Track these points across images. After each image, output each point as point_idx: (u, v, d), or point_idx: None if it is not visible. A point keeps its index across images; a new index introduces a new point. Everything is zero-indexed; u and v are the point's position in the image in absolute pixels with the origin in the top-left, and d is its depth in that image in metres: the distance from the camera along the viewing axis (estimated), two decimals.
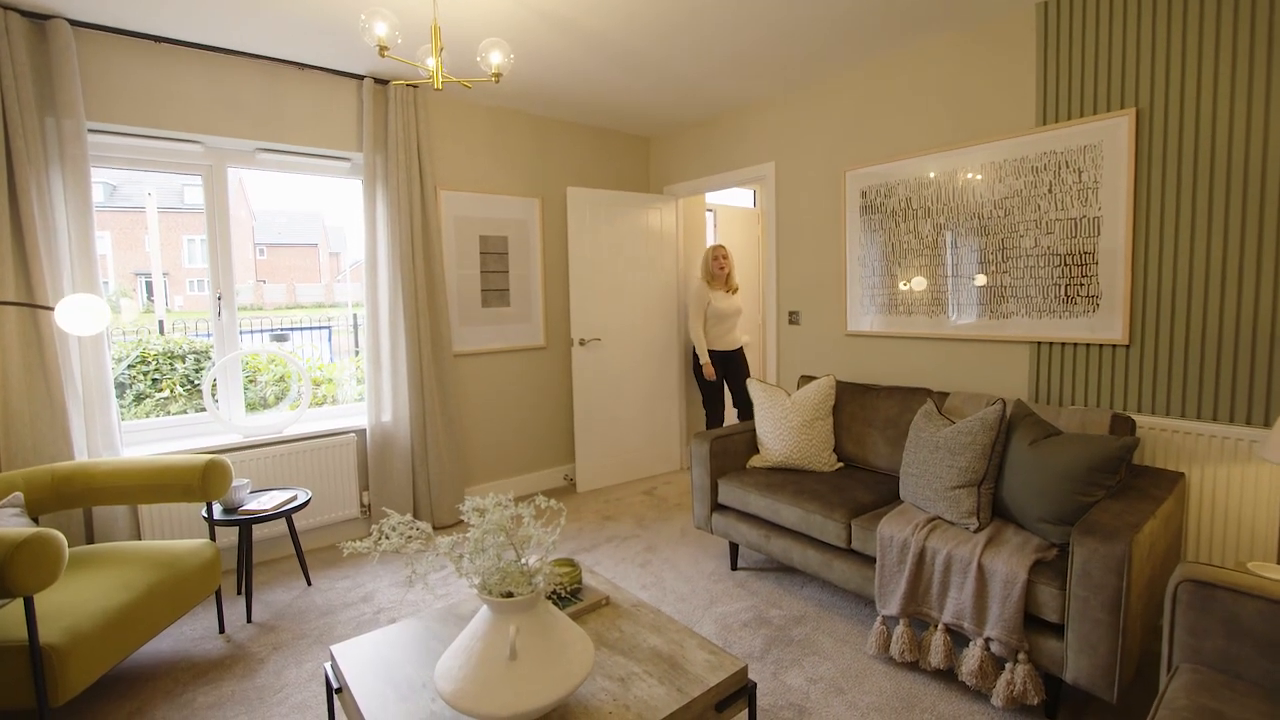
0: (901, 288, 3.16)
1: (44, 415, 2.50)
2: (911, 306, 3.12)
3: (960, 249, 2.91)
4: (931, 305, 3.04)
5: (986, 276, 2.82)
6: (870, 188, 3.25)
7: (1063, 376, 2.63)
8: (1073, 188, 2.53)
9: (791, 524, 2.57)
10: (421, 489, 3.48)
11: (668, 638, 1.75)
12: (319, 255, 22.40)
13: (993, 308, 2.81)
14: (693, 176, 4.32)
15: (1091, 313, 2.52)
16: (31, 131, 2.47)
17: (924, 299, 3.07)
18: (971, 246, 2.86)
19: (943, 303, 2.99)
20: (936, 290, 3.02)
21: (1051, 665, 1.83)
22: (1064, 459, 2.00)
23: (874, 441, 2.87)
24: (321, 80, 3.23)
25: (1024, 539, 2.03)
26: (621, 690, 1.52)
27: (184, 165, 3.03)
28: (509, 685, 1.31)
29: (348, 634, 2.45)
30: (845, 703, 2.00)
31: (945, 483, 2.24)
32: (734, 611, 2.56)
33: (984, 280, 2.83)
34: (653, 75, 3.35)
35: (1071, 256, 2.56)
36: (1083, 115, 2.50)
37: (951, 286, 2.96)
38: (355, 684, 1.58)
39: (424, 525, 1.42)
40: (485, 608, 1.43)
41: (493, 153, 3.86)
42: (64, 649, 1.75)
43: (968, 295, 2.90)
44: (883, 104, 3.18)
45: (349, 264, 20.47)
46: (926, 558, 2.10)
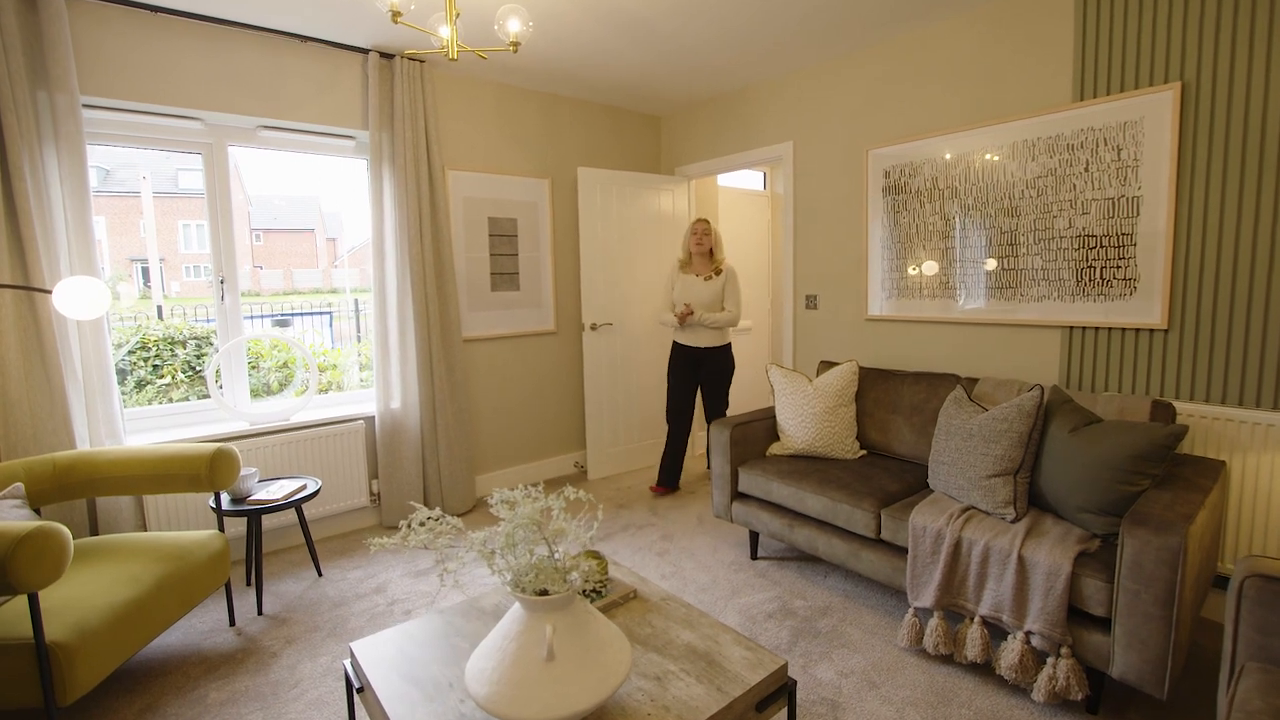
0: (926, 271, 3.07)
1: (43, 403, 2.41)
2: (936, 290, 3.03)
3: (989, 230, 2.82)
4: (957, 289, 2.95)
5: (1016, 259, 2.73)
6: (894, 167, 3.15)
7: (1095, 362, 2.55)
8: (1111, 166, 2.44)
9: (817, 513, 2.50)
10: (432, 477, 3.40)
11: (701, 633, 1.68)
12: (316, 240, 22.16)
13: (1022, 291, 2.73)
14: (706, 157, 4.20)
15: (1128, 296, 2.44)
16: (23, 106, 2.35)
17: (949, 282, 2.98)
18: (1001, 228, 2.77)
19: (969, 286, 2.91)
20: (963, 273, 2.93)
21: (1096, 660, 1.77)
22: (1107, 447, 1.93)
23: (898, 429, 2.79)
24: (324, 54, 3.10)
25: (1065, 530, 1.96)
26: (659, 690, 1.46)
27: (184, 143, 2.92)
28: (546, 688, 1.24)
29: (362, 626, 2.39)
30: (879, 697, 1.94)
31: (980, 471, 2.17)
32: (757, 602, 2.50)
33: (1014, 263, 2.74)
34: (666, 49, 3.22)
35: (1108, 238, 2.47)
36: (1123, 90, 2.40)
37: (979, 269, 2.87)
38: (378, 683, 1.51)
39: (454, 520, 1.34)
40: (516, 606, 1.35)
41: (501, 131, 3.74)
42: (71, 647, 1.67)
43: (996, 278, 2.81)
44: (909, 80, 3.07)
45: (346, 249, 20.27)
46: (962, 549, 2.03)
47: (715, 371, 3.65)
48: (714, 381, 3.66)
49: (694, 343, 3.63)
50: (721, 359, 3.66)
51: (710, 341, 3.63)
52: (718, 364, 3.65)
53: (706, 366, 3.66)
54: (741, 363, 5.62)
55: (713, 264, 3.63)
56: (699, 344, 3.63)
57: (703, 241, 3.59)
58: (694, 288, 3.60)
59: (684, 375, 3.68)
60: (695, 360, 3.66)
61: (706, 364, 3.66)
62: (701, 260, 3.64)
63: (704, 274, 3.61)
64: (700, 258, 3.64)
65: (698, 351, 3.66)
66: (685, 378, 3.68)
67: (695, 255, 3.65)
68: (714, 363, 3.65)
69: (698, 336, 3.61)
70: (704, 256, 3.63)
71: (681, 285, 3.62)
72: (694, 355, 3.66)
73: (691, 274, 3.62)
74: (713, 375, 3.66)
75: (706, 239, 3.60)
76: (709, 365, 3.65)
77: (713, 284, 3.59)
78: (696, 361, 3.66)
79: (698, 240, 3.60)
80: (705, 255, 3.62)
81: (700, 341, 3.63)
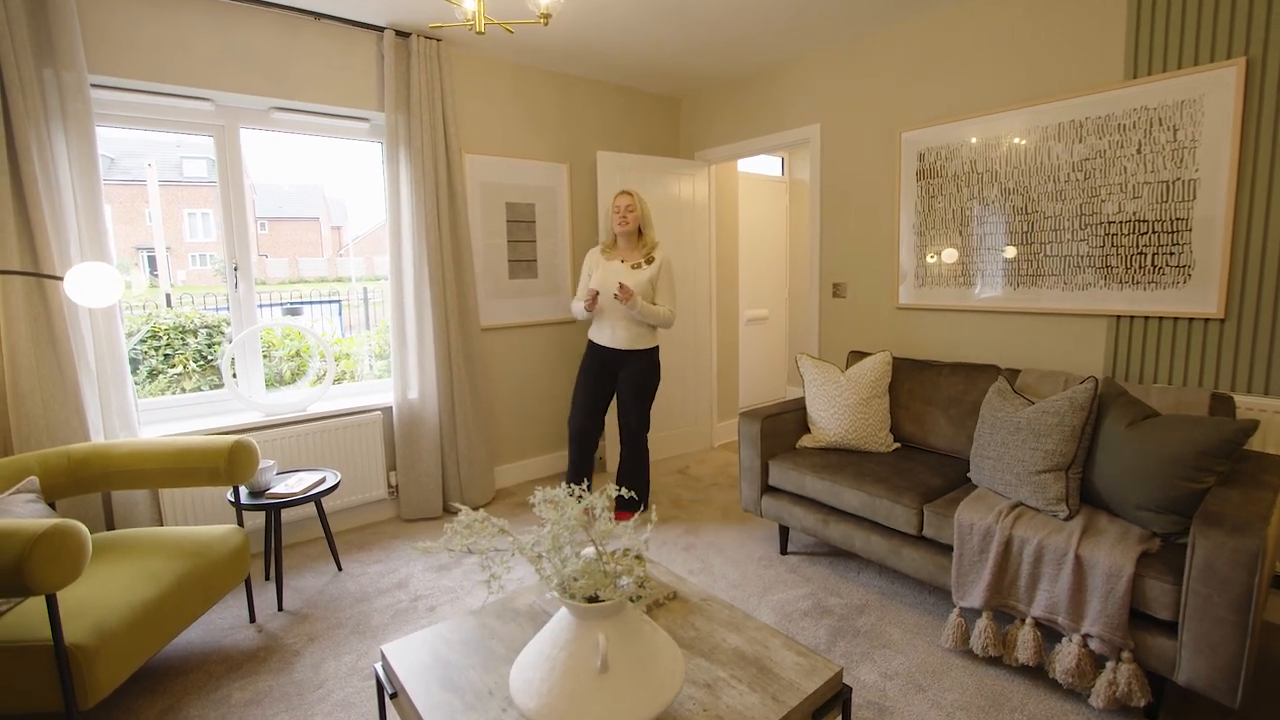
0: (961, 258, 2.96)
1: (56, 394, 2.33)
2: (971, 278, 2.93)
3: (1030, 216, 2.71)
4: (995, 276, 2.85)
5: (1060, 245, 2.63)
6: (929, 150, 3.03)
7: (1144, 353, 2.45)
8: (1166, 147, 2.32)
9: (853, 508, 2.42)
10: (450, 469, 3.33)
11: (748, 636, 1.60)
12: (321, 229, 22.07)
13: (1066, 279, 2.62)
14: (727, 141, 4.08)
15: (1181, 284, 2.33)
16: (30, 84, 2.25)
17: (986, 270, 2.87)
18: (1044, 213, 2.66)
19: (1008, 274, 2.80)
20: (1001, 260, 2.82)
21: (1159, 665, 1.69)
22: (1170, 442, 1.84)
23: (935, 421, 2.70)
24: (339, 32, 2.99)
25: (1123, 528, 1.88)
26: (711, 698, 1.38)
27: (194, 125, 2.82)
28: (600, 701, 1.16)
29: (385, 623, 2.32)
30: (927, 701, 1.87)
31: (1029, 467, 2.08)
32: (791, 600, 2.43)
33: (1057, 249, 2.64)
34: (690, 23, 3.10)
35: (1160, 223, 2.36)
36: (1180, 67, 2.28)
37: (1018, 256, 2.76)
38: (414, 690, 1.44)
39: (499, 521, 1.26)
40: (563, 613, 1.27)
41: (519, 114, 3.62)
42: (91, 648, 1.60)
43: (1037, 265, 2.71)
44: (946, 58, 2.94)
45: (352, 237, 20.16)
46: (1013, 547, 1.95)
47: (637, 378, 2.96)
48: (635, 390, 2.96)
49: (612, 342, 2.94)
50: (646, 363, 2.98)
51: (633, 342, 2.94)
52: (640, 369, 2.97)
53: (628, 371, 2.97)
54: (758, 353, 5.54)
55: (642, 248, 2.97)
56: (618, 344, 2.94)
57: (627, 218, 2.89)
58: (617, 277, 2.90)
59: (597, 381, 3.01)
60: (612, 364, 2.99)
61: (628, 368, 2.97)
62: (627, 243, 2.97)
63: (631, 260, 2.94)
64: (625, 239, 2.95)
65: (615, 354, 2.97)
66: (598, 384, 3.01)
67: (619, 236, 2.96)
68: (638, 367, 2.97)
69: (617, 334, 2.93)
70: (630, 238, 2.95)
71: (602, 273, 2.92)
72: (611, 358, 2.99)
73: (615, 260, 2.96)
74: (634, 383, 2.96)
75: (631, 215, 2.89)
76: (633, 369, 2.96)
77: (642, 274, 2.90)
78: (613, 365, 3.00)
79: (621, 217, 2.89)
80: (632, 236, 2.94)
81: (620, 341, 2.93)
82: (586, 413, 3.03)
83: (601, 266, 2.98)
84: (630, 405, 3.02)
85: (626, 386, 3.01)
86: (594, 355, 3.03)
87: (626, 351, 2.98)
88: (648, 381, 3.01)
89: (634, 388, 2.99)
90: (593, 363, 3.04)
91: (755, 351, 5.51)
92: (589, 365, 3.06)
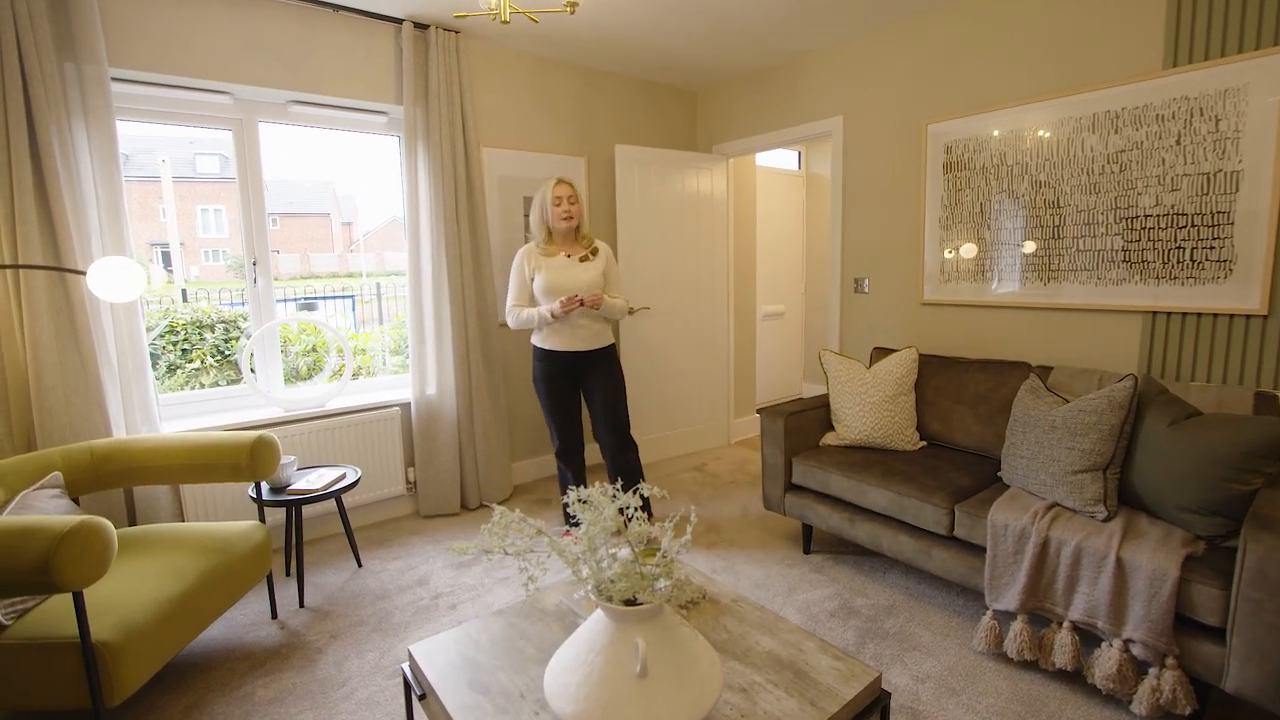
0: (990, 252, 2.90)
1: (78, 389, 2.32)
2: (1000, 272, 2.87)
3: (1062, 209, 2.64)
4: (1024, 271, 2.79)
5: (1093, 239, 2.56)
6: (956, 142, 2.97)
7: (1181, 350, 2.39)
8: (1207, 139, 2.25)
9: (881, 508, 2.37)
10: (469, 465, 3.31)
11: (782, 639, 1.57)
12: (331, 225, 22.17)
13: (1099, 274, 2.56)
14: (745, 134, 4.02)
15: (1222, 280, 2.27)
16: (51, 77, 2.24)
17: (1016, 264, 2.81)
18: (1076, 206, 2.60)
19: (1039, 268, 2.74)
20: (1030, 255, 2.76)
21: (1205, 672, 1.64)
22: (1215, 443, 1.78)
23: (962, 419, 2.65)
24: (357, 24, 2.96)
25: (1165, 531, 1.83)
26: (747, 704, 1.35)
27: (213, 119, 2.80)
28: (640, 708, 1.13)
29: (407, 621, 2.31)
30: (961, 705, 1.82)
31: (1065, 466, 2.03)
32: (817, 600, 2.39)
33: (1090, 244, 2.57)
34: (711, 16, 3.04)
35: (1200, 217, 2.29)
36: (1224, 55, 2.21)
37: (1048, 251, 2.70)
38: (445, 692, 1.41)
39: (536, 522, 1.23)
40: (599, 616, 1.24)
41: (536, 107, 3.59)
42: (118, 646, 1.59)
43: (1068, 260, 2.64)
44: (975, 47, 2.88)
45: (362, 233, 20.24)
46: (1050, 549, 1.90)
47: (608, 377, 2.81)
48: (613, 389, 2.81)
49: (576, 345, 2.74)
50: (613, 359, 2.86)
51: (599, 340, 2.79)
52: (610, 366, 2.83)
53: (598, 373, 2.80)
54: (774, 349, 5.49)
55: (583, 240, 2.81)
56: (583, 346, 2.75)
57: (571, 211, 2.71)
58: (570, 274, 2.72)
59: (568, 391, 2.82)
60: (579, 368, 2.80)
61: (597, 370, 2.80)
62: (567, 236, 2.77)
63: (576, 254, 2.77)
64: (566, 233, 2.76)
65: (583, 357, 2.77)
66: (570, 394, 2.83)
67: (561, 230, 2.74)
68: (606, 367, 2.82)
69: (578, 337, 2.74)
70: (570, 231, 2.77)
71: (550, 271, 2.70)
72: (579, 362, 2.78)
73: (559, 256, 2.76)
74: (609, 383, 2.81)
75: (574, 207, 2.72)
76: (600, 370, 2.80)
77: (591, 267, 2.74)
78: (581, 370, 2.80)
79: (564, 210, 2.70)
80: (572, 230, 2.77)
81: (585, 341, 2.75)
82: (571, 428, 2.85)
83: (546, 265, 2.73)
84: (612, 407, 2.82)
85: (602, 388, 2.80)
86: (554, 364, 2.77)
87: (592, 352, 2.79)
88: (621, 377, 2.87)
89: (611, 388, 2.82)
90: (550, 374, 2.78)
91: (771, 347, 5.46)
92: (553, 378, 2.78)
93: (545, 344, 2.76)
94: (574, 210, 2.73)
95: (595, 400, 2.83)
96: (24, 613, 1.66)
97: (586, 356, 2.79)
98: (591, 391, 2.83)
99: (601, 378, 2.81)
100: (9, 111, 2.15)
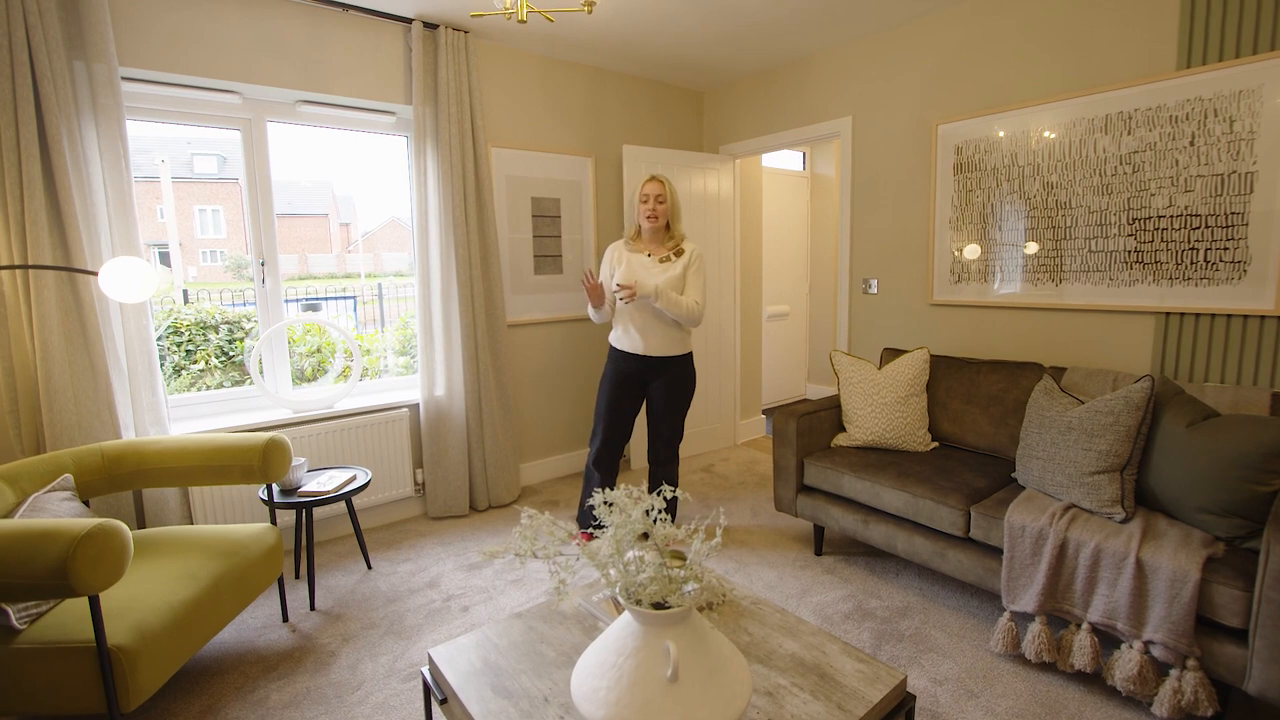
0: (1000, 253, 2.90)
1: (88, 390, 2.31)
2: (1011, 274, 2.87)
3: (1074, 210, 2.64)
4: (1035, 272, 2.78)
5: (1105, 240, 2.56)
6: (966, 143, 2.96)
7: (1195, 351, 2.39)
8: (1221, 139, 2.25)
9: (895, 509, 2.37)
10: (477, 466, 3.29)
11: (804, 642, 1.56)
12: (330, 225, 22.16)
13: (1111, 275, 2.56)
14: (752, 135, 4.02)
15: (1236, 280, 2.27)
16: (61, 76, 2.22)
17: (1027, 265, 2.81)
18: (1089, 207, 2.60)
19: (1051, 269, 2.74)
20: (1040, 256, 2.76)
21: (1227, 673, 1.64)
22: (1234, 443, 1.78)
23: (975, 420, 2.65)
24: (366, 23, 2.95)
25: (1184, 532, 1.82)
26: (774, 707, 1.34)
27: (222, 118, 2.78)
28: (672, 712, 1.12)
29: (420, 623, 2.29)
30: (980, 707, 1.82)
31: (1081, 468, 2.02)
32: (831, 601, 2.38)
33: (1102, 244, 2.57)
34: (720, 14, 3.04)
35: (1214, 218, 2.30)
36: (1238, 55, 2.21)
37: (1059, 252, 2.70)
38: (467, 697, 1.40)
39: (565, 525, 1.22)
40: (626, 619, 1.23)
41: (544, 107, 3.58)
42: (133, 650, 1.58)
43: (1080, 261, 2.64)
44: (984, 48, 2.88)
45: (361, 233, 20.24)
46: (1069, 551, 1.90)
47: (676, 386, 2.70)
48: (673, 400, 2.70)
49: (639, 349, 2.63)
50: (684, 370, 2.72)
51: (666, 348, 2.66)
52: (679, 377, 2.70)
53: (665, 380, 2.68)
54: (779, 350, 5.49)
55: (670, 241, 2.71)
56: (652, 351, 2.63)
57: (656, 211, 2.62)
58: (644, 271, 2.63)
59: (628, 394, 2.70)
60: (645, 374, 2.68)
61: (665, 377, 2.68)
62: (654, 236, 2.69)
63: (659, 254, 2.67)
64: (653, 232, 2.68)
65: (651, 362, 2.65)
66: (625, 399, 2.71)
67: (646, 229, 2.67)
68: (674, 376, 2.69)
69: (650, 340, 2.63)
70: (658, 231, 2.69)
71: (627, 267, 2.64)
72: (645, 367, 2.66)
73: (642, 254, 2.68)
74: (672, 392, 2.69)
75: (661, 206, 2.63)
76: (668, 379, 2.68)
77: (671, 268, 2.63)
78: (647, 376, 2.68)
79: (650, 209, 2.62)
80: (661, 230, 2.69)
81: (650, 347, 2.63)
82: (616, 430, 2.73)
83: (625, 261, 2.68)
84: (664, 419, 2.73)
85: (666, 396, 2.70)
86: (617, 365, 2.70)
87: (658, 359, 2.67)
88: (685, 390, 2.74)
89: (676, 396, 2.71)
90: (616, 374, 2.70)
91: (776, 348, 5.46)
92: (612, 378, 2.71)
93: (619, 344, 2.72)
94: (659, 210, 2.64)
95: (658, 407, 2.75)
96: (39, 616, 1.64)
97: (649, 363, 2.67)
98: (656, 397, 2.74)
99: (669, 386, 2.71)
100: (19, 110, 2.13)
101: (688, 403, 2.78)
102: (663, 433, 2.77)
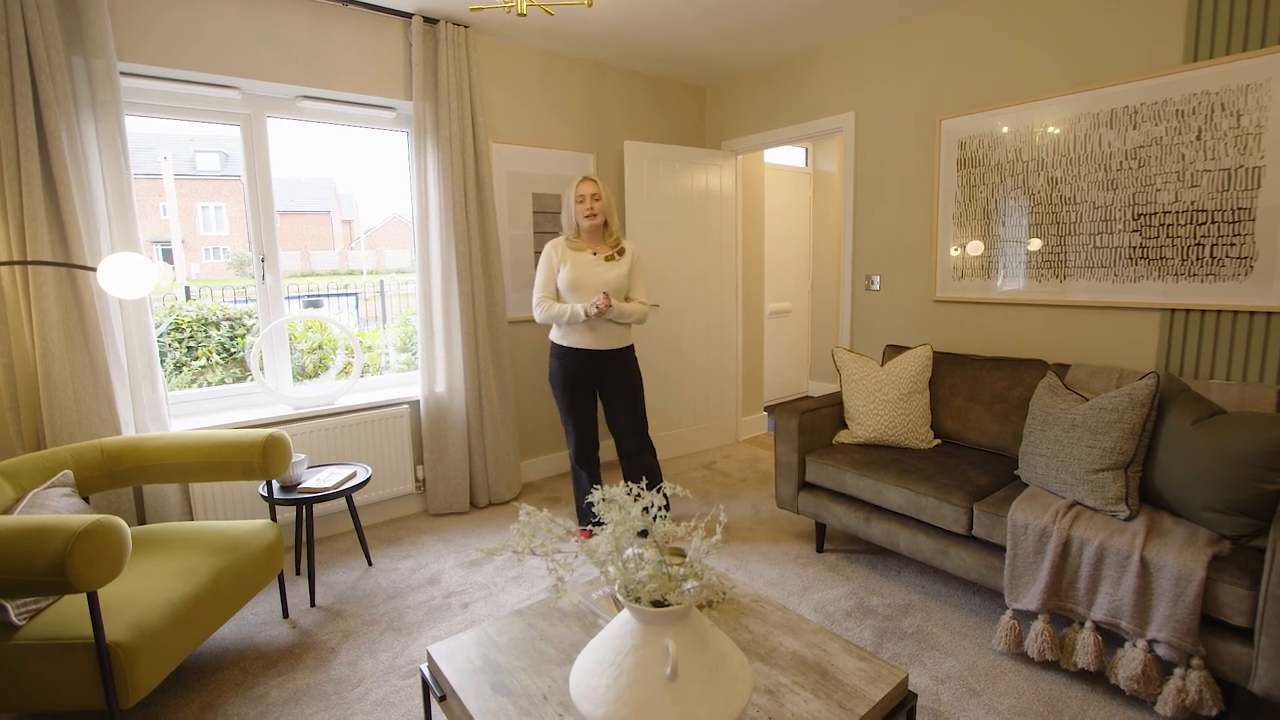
0: (1004, 249, 2.88)
1: (87, 386, 2.30)
2: (1015, 270, 2.85)
3: (1079, 205, 2.62)
4: (1040, 268, 2.76)
5: (1110, 236, 2.54)
6: (970, 139, 2.94)
7: (1200, 347, 2.37)
8: (1228, 134, 2.23)
9: (898, 507, 2.36)
10: (478, 463, 3.29)
11: (805, 639, 1.55)
12: (332, 222, 22.15)
13: (1116, 271, 2.54)
14: (754, 131, 4.00)
15: (1243, 276, 2.25)
16: (59, 71, 2.21)
17: (1032, 261, 2.79)
18: (1094, 203, 2.58)
19: (1052, 265, 2.72)
20: (1045, 252, 2.74)
21: (1232, 672, 1.62)
22: (1241, 441, 1.76)
23: (978, 417, 2.63)
24: (366, 18, 2.93)
25: (1189, 530, 1.81)
26: (775, 706, 1.33)
27: (221, 114, 2.77)
28: (671, 711, 1.11)
29: (420, 620, 2.29)
30: (983, 706, 1.81)
31: (1085, 465, 2.01)
32: (832, 599, 2.37)
33: (1107, 240, 2.55)
34: (722, 9, 3.01)
35: (1221, 213, 2.27)
36: (1246, 49, 2.18)
37: (1064, 247, 2.68)
38: (466, 694, 1.39)
39: (565, 523, 1.21)
40: (625, 617, 1.22)
41: (545, 103, 3.56)
42: (132, 647, 1.57)
43: (1085, 257, 2.62)
44: (988, 42, 2.85)
45: (363, 230, 20.28)
46: (1072, 548, 1.88)
47: (627, 377, 2.80)
48: (628, 389, 2.80)
49: (597, 343, 2.72)
50: (631, 360, 2.83)
51: (620, 340, 2.77)
52: (628, 367, 2.81)
53: (617, 372, 2.78)
54: (780, 347, 5.47)
55: (610, 238, 2.77)
56: (601, 344, 2.72)
57: (594, 209, 2.67)
58: (593, 271, 2.68)
59: (585, 390, 2.78)
60: (594, 368, 2.76)
61: (616, 369, 2.78)
62: (594, 234, 2.74)
63: (602, 252, 2.75)
64: (593, 230, 2.73)
65: (599, 356, 2.74)
66: (587, 393, 2.79)
67: (586, 227, 2.72)
68: (625, 366, 2.80)
69: (599, 336, 2.72)
70: (597, 229, 2.73)
71: (574, 268, 2.68)
72: (593, 361, 2.75)
73: (586, 253, 2.74)
74: (625, 382, 2.79)
75: (598, 204, 2.67)
76: (619, 369, 2.78)
77: (617, 266, 2.71)
78: (596, 370, 2.77)
79: (587, 208, 2.67)
80: (599, 228, 2.73)
81: (603, 341, 2.72)
82: (588, 428, 2.82)
83: (571, 261, 2.70)
84: (630, 407, 2.81)
85: (619, 388, 2.79)
86: (573, 362, 2.73)
87: (606, 352, 2.75)
88: (636, 378, 2.84)
89: (629, 387, 2.81)
90: (565, 372, 2.74)
91: (778, 345, 5.44)
92: (562, 378, 2.75)
93: (565, 340, 2.74)
94: (597, 208, 2.68)
95: (614, 400, 2.81)
96: (37, 613, 1.64)
97: (605, 355, 2.76)
98: (610, 391, 2.81)
99: (620, 377, 2.79)
100: (17, 106, 2.12)
101: (641, 391, 2.87)
102: (628, 424, 2.81)
